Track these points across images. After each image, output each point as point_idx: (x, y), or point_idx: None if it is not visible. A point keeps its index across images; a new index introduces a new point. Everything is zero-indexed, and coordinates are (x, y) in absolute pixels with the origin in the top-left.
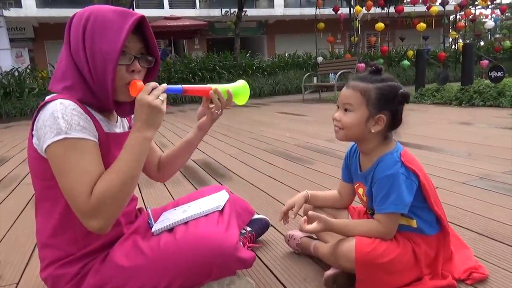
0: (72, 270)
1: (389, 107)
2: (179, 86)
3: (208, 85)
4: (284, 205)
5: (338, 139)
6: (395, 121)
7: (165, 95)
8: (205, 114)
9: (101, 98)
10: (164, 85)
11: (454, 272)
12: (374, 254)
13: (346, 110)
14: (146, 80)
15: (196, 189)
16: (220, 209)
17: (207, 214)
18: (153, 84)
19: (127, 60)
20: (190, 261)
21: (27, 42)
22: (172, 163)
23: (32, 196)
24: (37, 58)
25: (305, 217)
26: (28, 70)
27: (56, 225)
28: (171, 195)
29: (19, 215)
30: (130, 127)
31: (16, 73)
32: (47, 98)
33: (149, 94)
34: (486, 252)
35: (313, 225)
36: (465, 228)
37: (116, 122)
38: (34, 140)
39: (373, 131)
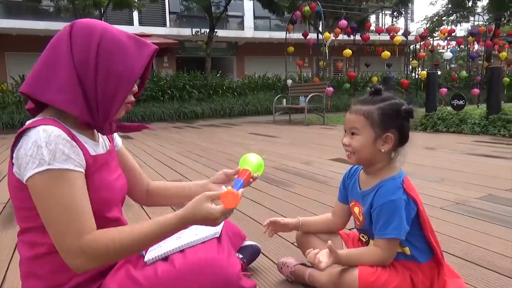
0: None
1: (395, 125)
2: (240, 180)
3: (246, 168)
4: None
5: (352, 163)
6: (402, 138)
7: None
8: (223, 180)
9: (99, 115)
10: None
11: None
12: (377, 283)
13: (353, 134)
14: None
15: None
16: (217, 236)
17: (204, 241)
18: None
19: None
20: None
21: None
22: (163, 198)
23: None
24: None
25: (316, 250)
26: None
27: (42, 254)
28: (149, 217)
29: None
30: (110, 142)
31: None
32: (28, 123)
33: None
34: (472, 277)
35: (328, 261)
36: (449, 253)
37: (98, 141)
38: (15, 169)
39: (383, 150)
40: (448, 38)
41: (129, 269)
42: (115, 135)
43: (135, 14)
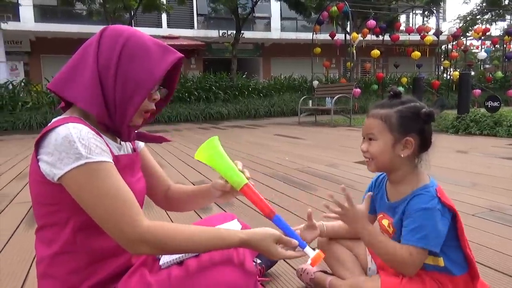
0: None
1: (415, 128)
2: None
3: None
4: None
5: (371, 171)
6: (424, 143)
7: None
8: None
9: (116, 118)
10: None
11: None
12: None
13: (370, 139)
14: (156, 106)
15: (198, 215)
16: None
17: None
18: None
19: (153, 90)
20: None
21: (22, 56)
22: (181, 203)
23: (25, 216)
24: (32, 72)
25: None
26: (22, 84)
27: (58, 253)
28: (170, 219)
29: (11, 236)
30: (134, 150)
31: (10, 86)
32: (54, 121)
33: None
34: None
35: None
36: (481, 264)
37: (120, 144)
38: (42, 166)
39: (402, 155)
40: (482, 37)
41: (144, 273)
42: None
43: (164, 16)
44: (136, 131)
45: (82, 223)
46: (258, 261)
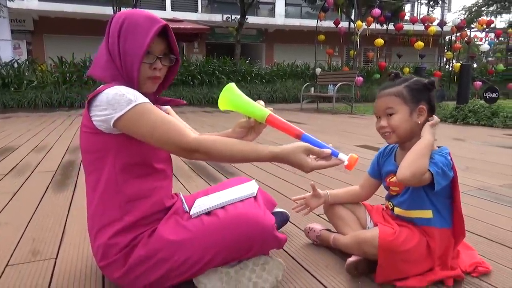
0: (123, 242)
1: (424, 97)
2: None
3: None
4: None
5: (392, 143)
6: (432, 108)
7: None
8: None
9: (130, 86)
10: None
11: (461, 266)
12: (395, 242)
13: (389, 115)
14: (167, 75)
15: (210, 185)
16: (254, 195)
17: (243, 200)
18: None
19: (150, 59)
20: (234, 236)
21: (25, 35)
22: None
23: (50, 183)
24: (34, 51)
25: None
26: (27, 63)
27: (102, 192)
28: (185, 188)
29: (41, 199)
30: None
31: (16, 65)
32: (99, 88)
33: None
34: (489, 253)
35: None
36: (468, 231)
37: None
38: (96, 119)
39: (419, 122)
40: (486, 29)
41: (178, 219)
42: None
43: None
44: (154, 98)
45: (122, 166)
46: None
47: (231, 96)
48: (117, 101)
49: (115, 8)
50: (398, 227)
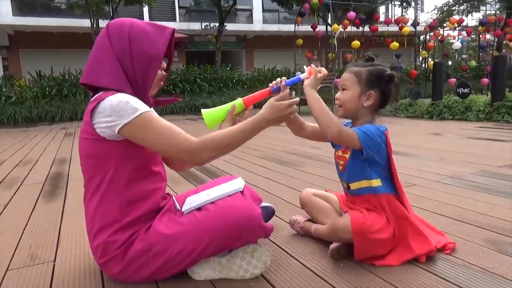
0: (121, 238)
1: (378, 86)
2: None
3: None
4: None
5: (339, 116)
6: (384, 99)
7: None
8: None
9: (139, 91)
10: (297, 99)
11: (431, 242)
12: (365, 225)
13: (343, 90)
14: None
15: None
16: (241, 190)
17: (231, 195)
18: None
19: (163, 63)
20: (224, 225)
21: (1, 50)
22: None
23: (40, 194)
24: (11, 67)
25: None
26: (5, 78)
27: (103, 195)
28: (174, 191)
29: (33, 208)
30: None
31: None
32: (97, 96)
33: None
34: (459, 231)
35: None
36: (440, 214)
37: None
38: (99, 127)
39: (365, 105)
40: (458, 28)
41: (171, 216)
42: None
43: (145, 9)
44: (153, 99)
45: (124, 170)
46: None
47: (211, 117)
48: (121, 108)
49: (92, 20)
50: (366, 211)
